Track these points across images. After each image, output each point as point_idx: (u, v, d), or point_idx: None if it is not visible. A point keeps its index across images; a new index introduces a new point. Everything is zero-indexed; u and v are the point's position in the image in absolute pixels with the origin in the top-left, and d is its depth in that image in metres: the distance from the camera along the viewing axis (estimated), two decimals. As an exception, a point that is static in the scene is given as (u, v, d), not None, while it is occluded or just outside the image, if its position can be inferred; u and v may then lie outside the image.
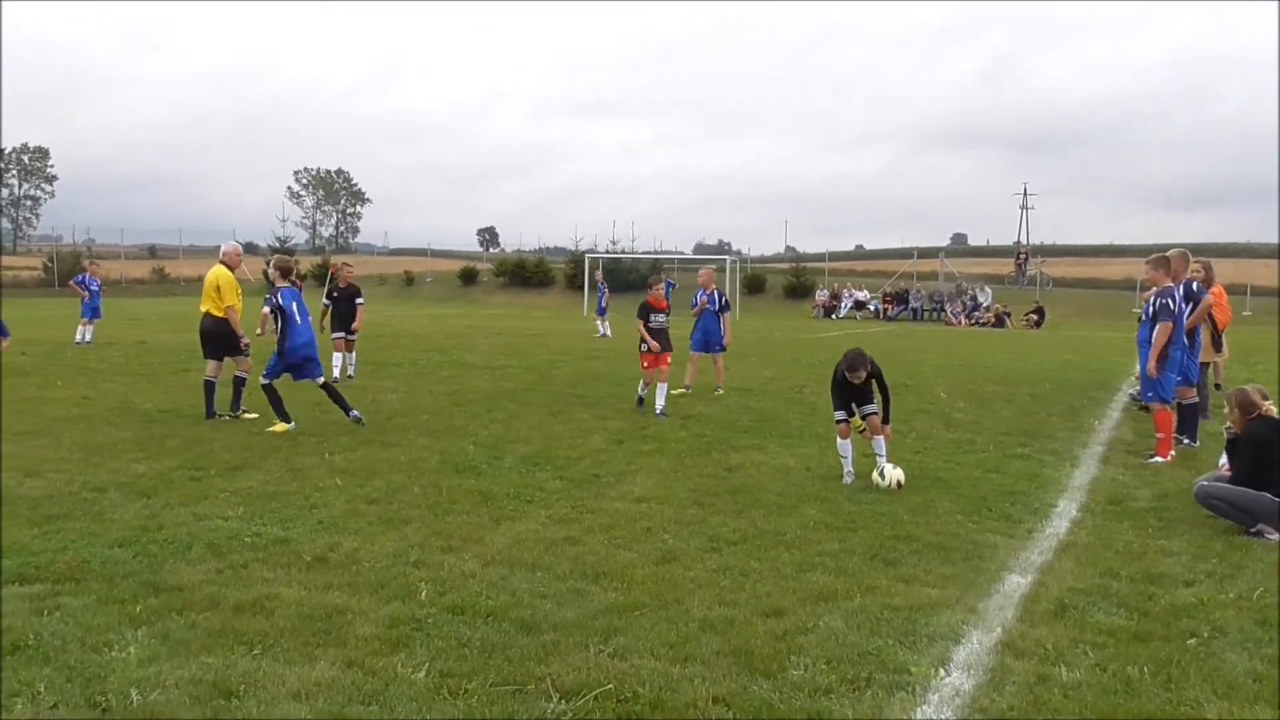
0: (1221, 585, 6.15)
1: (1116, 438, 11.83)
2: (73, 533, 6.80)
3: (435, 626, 5.19)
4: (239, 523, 7.16)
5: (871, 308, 49.96)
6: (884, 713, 4.34)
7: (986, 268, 60.22)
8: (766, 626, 5.28)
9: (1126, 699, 4.50)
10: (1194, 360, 11.23)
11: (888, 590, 5.93)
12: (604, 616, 5.40)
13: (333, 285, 17.11)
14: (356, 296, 16.84)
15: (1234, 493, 7.45)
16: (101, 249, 79.86)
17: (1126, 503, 8.36)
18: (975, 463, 10.01)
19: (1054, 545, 7.03)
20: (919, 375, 18.72)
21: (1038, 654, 4.99)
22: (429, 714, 4.23)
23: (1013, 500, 8.37)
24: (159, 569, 6.06)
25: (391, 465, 9.25)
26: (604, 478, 8.96)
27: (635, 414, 12.85)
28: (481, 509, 7.73)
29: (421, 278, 62.34)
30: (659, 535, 7.07)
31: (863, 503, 8.07)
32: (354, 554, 6.45)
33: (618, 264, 54.64)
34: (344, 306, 16.56)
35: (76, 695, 4.31)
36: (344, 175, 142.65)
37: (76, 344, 21.31)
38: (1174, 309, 10.29)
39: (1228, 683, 4.69)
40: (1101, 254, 75.71)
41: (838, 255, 72.90)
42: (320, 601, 5.53)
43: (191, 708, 4.21)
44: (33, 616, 5.20)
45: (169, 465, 9.07)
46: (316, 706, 4.25)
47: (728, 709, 4.31)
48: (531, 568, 6.25)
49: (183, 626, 5.12)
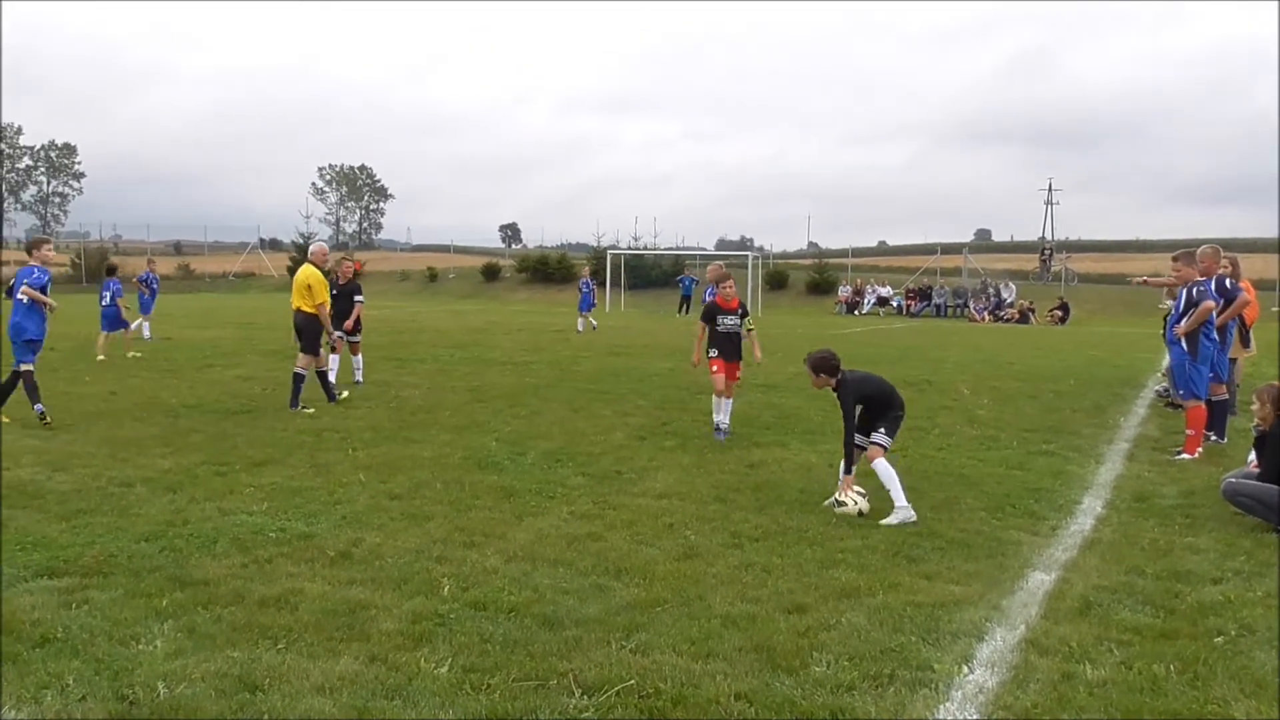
0: (1249, 583, 6.10)
1: (1142, 434, 11.75)
2: (100, 527, 6.86)
3: (458, 622, 5.21)
4: (263, 518, 7.21)
5: (895, 304, 49.78)
6: (907, 710, 4.32)
7: (1011, 264, 59.86)
8: (789, 623, 5.27)
9: (1152, 697, 4.46)
10: (1224, 356, 11.13)
11: (911, 587, 5.90)
12: (626, 612, 5.40)
13: (331, 281, 15.97)
14: (356, 294, 15.68)
15: (1262, 489, 7.38)
16: (128, 245, 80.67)
17: (1153, 500, 8.30)
18: (999, 459, 9.95)
19: (1079, 542, 6.99)
20: (942, 371, 18.65)
21: (1062, 651, 4.96)
22: (451, 709, 4.24)
23: (1037, 497, 8.32)
24: (185, 563, 6.10)
25: (414, 461, 9.29)
26: (626, 474, 8.96)
27: (657, 410, 12.83)
28: (504, 505, 7.75)
29: (444, 274, 62.56)
30: (681, 531, 7.07)
31: (885, 499, 8.03)
32: (377, 549, 6.48)
33: (640, 260, 54.73)
34: (340, 304, 15.07)
35: (104, 688, 4.34)
36: (367, 171, 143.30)
37: (146, 339, 21.66)
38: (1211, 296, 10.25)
39: (1255, 681, 4.65)
40: (1127, 249, 75.09)
41: (860, 251, 72.64)
42: (344, 596, 5.56)
43: (217, 701, 4.24)
44: (61, 610, 5.26)
45: (194, 460, 9.14)
46: (340, 701, 4.27)
47: (750, 705, 4.31)
48: (553, 563, 6.26)
49: (208, 620, 5.16)
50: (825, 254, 65.74)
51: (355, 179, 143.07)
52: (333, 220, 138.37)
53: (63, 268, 62.11)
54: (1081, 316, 43.56)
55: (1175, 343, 10.49)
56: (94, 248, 66.70)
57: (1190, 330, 10.25)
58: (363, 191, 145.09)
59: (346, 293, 15.64)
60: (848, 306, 49.45)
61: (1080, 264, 59.05)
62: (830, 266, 56.78)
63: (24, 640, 4.83)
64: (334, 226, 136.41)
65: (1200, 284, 10.35)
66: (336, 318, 14.96)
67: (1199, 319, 10.21)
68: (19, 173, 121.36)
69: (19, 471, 8.53)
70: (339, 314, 14.90)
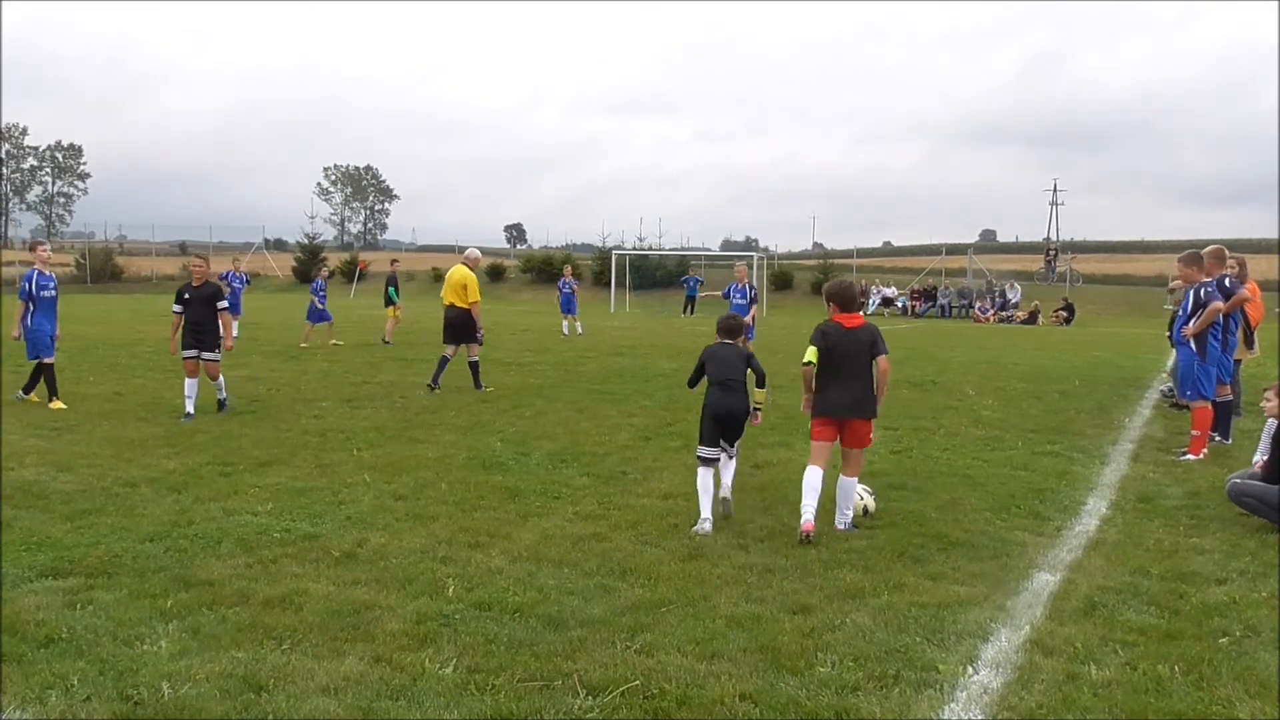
0: (1254, 584, 6.09)
1: (1147, 435, 11.72)
2: (104, 527, 6.87)
3: (462, 622, 5.21)
4: (268, 518, 7.21)
5: (899, 304, 49.75)
6: (911, 710, 4.32)
7: (1015, 264, 59.83)
8: (794, 623, 5.27)
9: (1157, 698, 4.46)
10: (1229, 357, 11.11)
11: (915, 588, 5.90)
12: (631, 613, 5.40)
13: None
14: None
15: (1267, 490, 7.37)
16: (133, 245, 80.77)
17: (1157, 500, 8.28)
18: (1004, 460, 9.94)
19: (1083, 543, 6.98)
20: (947, 372, 18.62)
21: (1067, 652, 4.95)
22: (456, 709, 4.24)
23: (1041, 498, 8.31)
24: (189, 564, 6.11)
25: (419, 461, 9.29)
26: (631, 474, 8.96)
27: (662, 410, 12.83)
28: (508, 505, 7.75)
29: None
30: (686, 532, 7.06)
31: (890, 500, 8.03)
32: (382, 550, 6.48)
33: (644, 261, 54.72)
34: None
35: (109, 688, 4.35)
36: (372, 172, 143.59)
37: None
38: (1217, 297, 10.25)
39: (1260, 682, 4.64)
40: (1132, 250, 75.01)
41: (865, 252, 72.62)
42: (348, 597, 5.56)
43: (221, 701, 4.25)
44: (65, 610, 5.27)
45: (199, 461, 9.15)
46: (345, 701, 4.27)
47: (754, 706, 4.31)
48: (558, 564, 6.26)
49: (213, 621, 5.16)
50: (830, 254, 65.78)
51: (360, 179, 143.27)
52: (337, 220, 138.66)
53: (66, 268, 62.25)
54: (1086, 317, 43.47)
55: (1183, 344, 10.48)
56: (99, 248, 66.73)
57: (1199, 331, 10.24)
58: (367, 192, 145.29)
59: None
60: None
61: (1085, 264, 59.04)
62: (835, 267, 56.75)
63: (29, 640, 4.84)
64: (339, 227, 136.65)
65: (1207, 285, 10.34)
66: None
67: (1207, 320, 10.19)
68: (24, 173, 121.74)
69: (24, 471, 8.54)
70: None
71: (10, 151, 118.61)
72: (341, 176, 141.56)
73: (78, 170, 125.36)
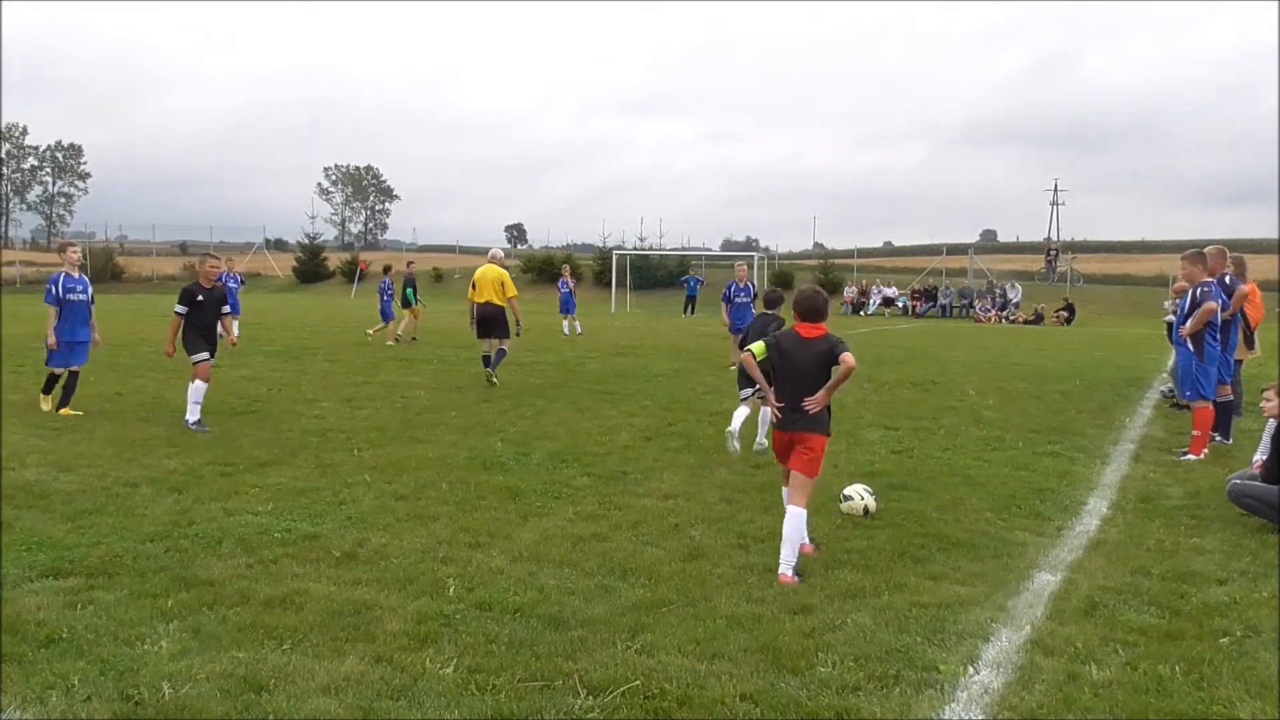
0: (1255, 584, 6.09)
1: (1148, 435, 11.73)
2: (105, 527, 6.87)
3: (463, 622, 5.21)
4: (269, 518, 7.21)
5: (900, 304, 49.76)
6: (912, 710, 4.32)
7: (1016, 264, 59.80)
8: (794, 624, 5.27)
9: (1158, 698, 4.46)
10: (1229, 357, 11.11)
11: (916, 588, 5.90)
12: (631, 613, 5.40)
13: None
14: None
15: (1267, 491, 7.37)
16: (134, 245, 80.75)
17: (1158, 500, 8.28)
18: (1004, 460, 9.94)
19: (1084, 543, 6.98)
20: (948, 372, 18.63)
21: (1067, 652, 4.96)
22: (457, 709, 4.24)
23: (1042, 498, 8.31)
24: (190, 564, 6.11)
25: (420, 461, 9.29)
26: (631, 474, 8.96)
27: (663, 410, 12.84)
28: (509, 505, 7.75)
29: (450, 274, 62.55)
30: (686, 532, 7.07)
31: (891, 500, 8.03)
32: (382, 550, 6.48)
33: (645, 260, 54.73)
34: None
35: (109, 688, 4.35)
36: (373, 172, 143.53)
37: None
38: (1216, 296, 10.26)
39: (1260, 682, 4.64)
40: (1133, 250, 74.96)
41: (866, 252, 72.55)
42: (349, 597, 5.57)
43: (222, 701, 4.25)
44: (66, 610, 5.27)
45: (200, 461, 9.15)
46: (345, 701, 4.28)
47: (755, 706, 4.31)
48: (559, 564, 6.26)
49: (213, 621, 5.17)
50: (831, 254, 65.75)
51: (361, 179, 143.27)
52: (338, 221, 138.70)
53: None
54: (1087, 317, 43.48)
55: (1182, 344, 10.49)
56: (99, 248, 66.73)
57: (1194, 331, 10.23)
58: (368, 192, 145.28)
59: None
60: (853, 307, 49.46)
61: (1086, 265, 59.00)
62: (836, 267, 56.80)
63: (29, 640, 4.84)
64: (339, 227, 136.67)
65: (1206, 285, 10.34)
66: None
67: (1201, 319, 10.19)
68: (24, 173, 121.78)
69: (24, 472, 8.54)
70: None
71: (10, 151, 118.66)
72: (342, 176, 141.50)
73: (78, 170, 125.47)
